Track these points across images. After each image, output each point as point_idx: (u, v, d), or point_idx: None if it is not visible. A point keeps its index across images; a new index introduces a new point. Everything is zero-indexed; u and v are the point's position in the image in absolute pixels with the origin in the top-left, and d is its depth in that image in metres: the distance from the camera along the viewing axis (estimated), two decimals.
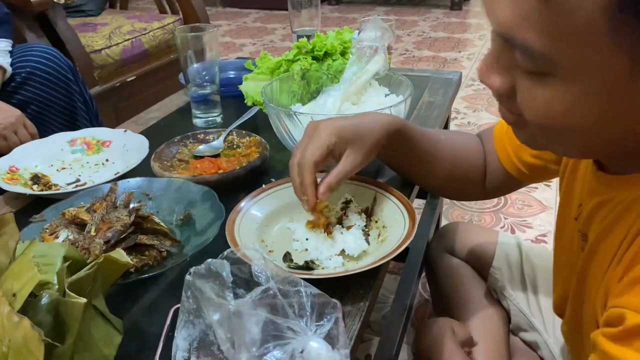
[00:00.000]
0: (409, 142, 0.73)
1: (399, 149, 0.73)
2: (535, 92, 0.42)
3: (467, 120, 2.34)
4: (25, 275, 0.42)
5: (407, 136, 0.72)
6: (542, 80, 0.41)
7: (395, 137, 0.71)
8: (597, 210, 0.52)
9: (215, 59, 1.03)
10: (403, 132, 0.71)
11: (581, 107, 0.40)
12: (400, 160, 0.78)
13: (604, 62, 0.37)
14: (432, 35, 3.71)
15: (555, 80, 0.40)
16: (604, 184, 0.51)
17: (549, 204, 1.75)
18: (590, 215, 0.53)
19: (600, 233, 0.51)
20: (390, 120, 0.70)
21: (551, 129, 0.43)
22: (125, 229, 0.62)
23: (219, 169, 0.85)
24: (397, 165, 0.80)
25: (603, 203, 0.50)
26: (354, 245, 0.64)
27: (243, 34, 3.99)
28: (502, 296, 0.91)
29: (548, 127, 0.43)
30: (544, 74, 0.40)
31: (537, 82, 0.41)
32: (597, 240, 0.52)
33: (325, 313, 0.43)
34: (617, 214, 0.48)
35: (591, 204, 0.53)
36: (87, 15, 2.11)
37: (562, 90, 0.40)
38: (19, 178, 0.85)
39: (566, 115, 0.41)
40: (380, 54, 0.90)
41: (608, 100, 0.39)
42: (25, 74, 1.28)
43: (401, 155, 0.75)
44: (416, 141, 0.73)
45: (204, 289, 0.43)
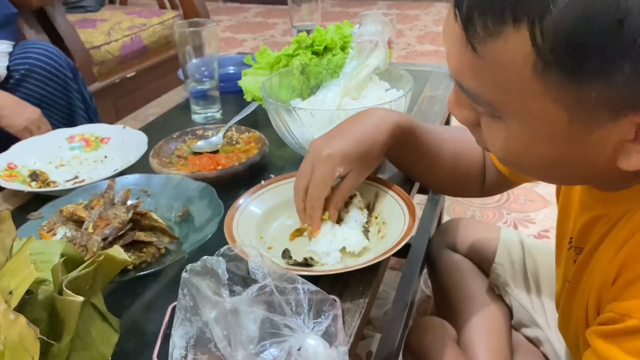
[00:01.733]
0: (412, 142, 0.72)
1: (402, 148, 0.73)
2: (492, 129, 0.44)
3: None
4: (22, 273, 0.41)
5: (411, 136, 0.72)
6: (495, 120, 0.43)
7: (399, 137, 0.70)
8: (591, 224, 0.53)
9: (214, 55, 1.03)
10: (407, 132, 0.71)
11: (533, 148, 0.42)
12: (402, 158, 0.77)
13: (541, 112, 0.39)
14: (434, 29, 3.69)
15: (503, 123, 0.43)
16: (597, 201, 0.52)
17: (552, 199, 1.74)
18: (584, 230, 0.55)
19: (594, 245, 0.52)
20: (395, 124, 0.69)
21: (512, 163, 0.46)
22: (123, 225, 0.62)
23: (218, 165, 0.84)
24: (399, 162, 0.79)
25: (598, 218, 0.52)
26: (354, 241, 0.64)
27: (244, 29, 3.98)
28: (504, 292, 0.91)
29: (508, 162, 0.47)
30: (494, 116, 0.43)
31: (492, 121, 0.44)
32: (591, 252, 0.53)
33: (323, 310, 0.43)
34: (610, 226, 0.49)
35: (584, 218, 0.54)
36: (86, 11, 2.10)
37: (511, 132, 0.42)
38: (18, 175, 0.85)
39: (521, 154, 0.44)
40: (381, 48, 0.89)
41: (554, 145, 0.41)
42: (24, 71, 1.28)
43: (404, 153, 0.75)
44: (420, 140, 0.73)
45: (200, 287, 0.42)
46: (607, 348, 0.43)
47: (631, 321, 0.41)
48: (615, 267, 0.46)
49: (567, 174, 0.46)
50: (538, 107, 0.39)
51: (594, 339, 0.44)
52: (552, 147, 0.42)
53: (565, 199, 0.62)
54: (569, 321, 0.59)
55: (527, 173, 0.48)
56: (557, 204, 0.66)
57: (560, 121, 0.39)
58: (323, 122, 0.78)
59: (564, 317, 0.62)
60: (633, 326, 0.41)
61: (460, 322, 0.88)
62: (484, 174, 0.78)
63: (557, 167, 0.44)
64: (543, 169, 0.45)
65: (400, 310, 1.04)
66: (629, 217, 0.46)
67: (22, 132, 1.16)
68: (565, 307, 0.60)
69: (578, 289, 0.55)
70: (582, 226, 0.54)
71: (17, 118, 1.16)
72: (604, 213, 0.50)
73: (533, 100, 0.39)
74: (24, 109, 1.18)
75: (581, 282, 0.54)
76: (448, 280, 0.98)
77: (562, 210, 0.63)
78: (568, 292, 0.58)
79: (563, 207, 0.63)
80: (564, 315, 0.62)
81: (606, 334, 0.43)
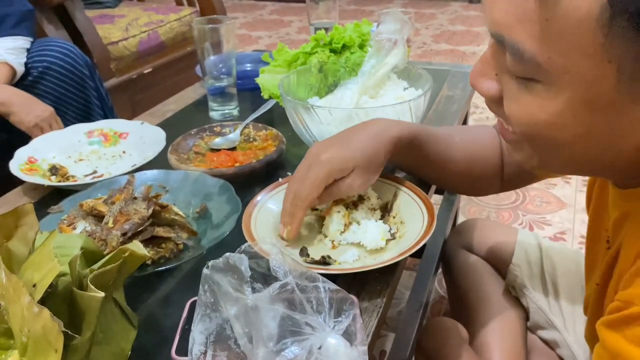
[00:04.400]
0: (418, 151, 0.71)
1: (408, 157, 0.72)
2: (521, 98, 0.42)
3: (486, 115, 2.31)
4: (46, 266, 0.42)
5: (416, 145, 0.70)
6: (529, 86, 0.41)
7: (403, 148, 0.69)
8: (619, 223, 0.52)
9: (232, 52, 1.03)
10: (411, 142, 0.70)
11: (564, 118, 0.40)
12: (410, 166, 0.76)
13: (591, 71, 0.37)
14: (450, 28, 3.67)
15: (540, 88, 0.40)
16: (621, 198, 0.51)
17: (568, 201, 1.72)
18: (615, 227, 0.53)
19: (622, 243, 0.51)
20: (396, 136, 0.68)
21: (536, 139, 0.43)
22: (142, 221, 0.62)
23: (236, 162, 0.84)
24: (409, 169, 0.79)
25: (625, 215, 0.50)
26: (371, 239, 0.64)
27: (259, 26, 3.98)
28: (521, 294, 0.90)
29: (532, 137, 0.43)
30: (531, 79, 0.40)
31: (524, 88, 0.41)
32: (617, 251, 0.51)
33: (343, 309, 0.43)
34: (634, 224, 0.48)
35: (614, 215, 0.53)
36: (104, 7, 2.12)
37: (547, 98, 0.40)
38: (38, 169, 0.85)
39: (549, 125, 0.41)
40: (400, 46, 0.89)
41: (592, 115, 0.39)
42: (42, 68, 1.29)
43: (411, 161, 0.74)
44: (427, 148, 0.71)
45: (222, 283, 0.42)
46: (612, 337, 0.42)
47: (634, 308, 0.40)
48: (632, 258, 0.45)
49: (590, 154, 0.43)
50: (589, 66, 0.37)
51: (600, 329, 0.43)
52: (587, 117, 0.39)
53: (598, 197, 0.60)
54: None
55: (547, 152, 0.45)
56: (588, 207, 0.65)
57: (607, 85, 0.37)
58: (341, 120, 0.78)
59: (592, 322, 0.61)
60: (636, 313, 0.40)
61: (476, 324, 0.87)
62: (501, 171, 0.77)
63: (582, 145, 0.42)
64: (563, 146, 0.42)
65: (414, 310, 1.03)
66: None
67: (32, 129, 1.17)
68: (595, 311, 0.59)
69: (607, 292, 0.54)
70: (613, 223, 0.53)
71: (27, 115, 1.17)
72: (627, 210, 0.49)
73: (585, 57, 0.36)
74: (35, 106, 1.19)
75: (610, 283, 0.53)
76: (463, 281, 0.97)
77: (595, 209, 0.62)
78: (597, 296, 0.57)
79: (596, 206, 0.61)
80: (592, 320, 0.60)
81: (611, 323, 0.42)
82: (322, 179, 0.63)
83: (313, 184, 0.63)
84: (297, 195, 0.64)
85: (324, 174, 0.63)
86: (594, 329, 0.59)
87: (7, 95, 1.17)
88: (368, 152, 0.66)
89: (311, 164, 0.64)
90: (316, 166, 0.64)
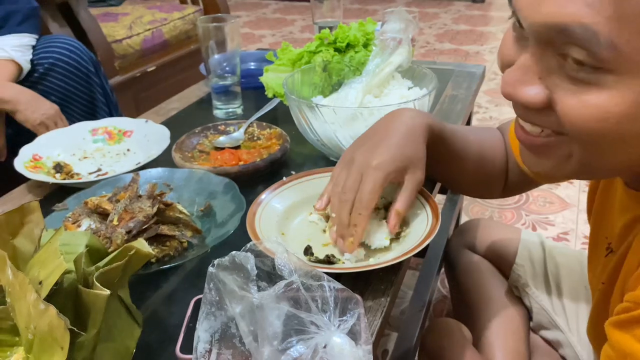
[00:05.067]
0: (441, 144, 0.70)
1: (431, 149, 0.71)
2: (585, 95, 0.38)
3: (489, 115, 2.31)
4: (52, 264, 0.42)
5: (440, 138, 0.69)
6: (595, 79, 0.37)
7: (430, 138, 0.68)
8: (630, 226, 0.51)
9: (236, 50, 1.03)
10: (437, 134, 0.69)
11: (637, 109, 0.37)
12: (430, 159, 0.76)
13: None
14: (454, 27, 3.66)
15: (611, 78, 0.37)
16: (634, 201, 0.50)
17: (571, 201, 1.72)
18: (623, 231, 0.53)
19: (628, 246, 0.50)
20: (427, 124, 0.67)
21: (595, 138, 0.39)
22: (147, 219, 0.62)
23: (240, 161, 0.84)
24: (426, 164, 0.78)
25: (635, 219, 0.50)
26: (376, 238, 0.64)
27: (262, 25, 3.98)
28: (524, 293, 0.90)
29: (591, 137, 0.40)
30: (599, 70, 0.37)
31: (586, 84, 0.38)
32: (626, 252, 0.51)
33: (348, 308, 0.43)
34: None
35: (623, 220, 0.52)
36: (108, 5, 2.13)
37: (619, 88, 0.37)
38: (42, 166, 0.86)
39: (621, 118, 0.38)
40: (404, 45, 0.89)
41: None
42: (48, 65, 1.30)
43: (432, 155, 0.73)
44: (448, 142, 0.71)
45: (227, 281, 0.42)
46: (621, 337, 0.41)
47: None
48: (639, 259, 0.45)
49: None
50: None
51: (609, 330, 0.43)
52: None
53: (601, 203, 0.60)
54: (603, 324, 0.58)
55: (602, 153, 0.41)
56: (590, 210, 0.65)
57: None
58: (345, 119, 0.78)
59: (597, 320, 0.61)
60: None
61: (479, 323, 0.87)
62: (506, 174, 0.77)
63: None
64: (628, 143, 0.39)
65: (417, 309, 1.03)
66: None
67: (38, 127, 1.18)
68: (599, 310, 0.59)
69: (614, 291, 0.54)
70: (621, 228, 0.53)
71: (33, 113, 1.18)
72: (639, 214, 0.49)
73: None
74: (41, 104, 1.19)
75: (616, 284, 0.53)
76: (466, 280, 0.97)
77: (597, 214, 0.62)
78: (602, 295, 0.57)
79: (598, 212, 0.61)
80: (596, 318, 0.61)
81: (620, 323, 0.42)
82: (380, 184, 0.62)
83: (373, 191, 0.61)
84: (359, 206, 0.61)
85: (382, 179, 0.62)
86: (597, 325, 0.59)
87: (13, 93, 1.18)
88: (411, 147, 0.64)
89: (362, 171, 0.62)
90: (370, 173, 0.62)
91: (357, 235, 0.61)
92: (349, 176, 0.63)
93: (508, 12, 0.41)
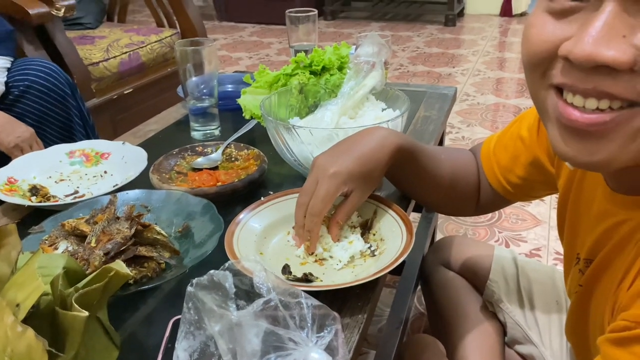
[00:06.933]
0: (412, 162, 0.73)
1: (403, 168, 0.74)
2: None
3: (462, 135, 2.36)
4: (30, 286, 0.42)
5: (411, 157, 0.73)
6: None
7: (400, 158, 0.71)
8: (612, 229, 0.52)
9: (214, 73, 1.04)
10: (408, 153, 0.72)
11: None
12: (402, 177, 0.78)
13: None
14: (427, 50, 3.75)
15: None
16: (618, 205, 0.51)
17: (542, 218, 1.76)
18: (602, 237, 0.54)
19: (612, 250, 0.52)
20: (397, 144, 0.70)
21: None
22: (125, 241, 0.62)
23: (218, 182, 0.85)
24: (398, 182, 0.81)
25: (620, 223, 0.51)
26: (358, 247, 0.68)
27: (239, 47, 4.02)
28: (498, 309, 0.92)
29: None
30: None
31: None
32: (608, 258, 0.52)
33: (325, 325, 0.44)
34: (631, 231, 0.49)
35: (603, 226, 0.53)
36: (85, 28, 2.12)
37: None
38: (17, 189, 0.85)
39: None
40: (378, 69, 0.92)
41: None
42: (23, 87, 1.29)
43: (404, 173, 0.76)
44: (419, 161, 0.74)
45: (206, 300, 0.43)
46: (618, 353, 0.42)
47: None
48: (632, 274, 0.46)
49: None
50: None
51: (606, 346, 0.44)
52: None
53: (575, 216, 0.62)
54: (584, 325, 0.59)
55: None
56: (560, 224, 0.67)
57: None
58: (321, 140, 0.80)
59: (575, 321, 0.62)
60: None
61: (454, 339, 0.89)
62: (478, 193, 0.80)
63: None
64: None
65: (395, 327, 1.04)
66: None
67: (12, 150, 1.17)
68: (577, 312, 0.61)
69: (595, 294, 0.55)
70: (600, 234, 0.54)
71: (7, 136, 1.17)
72: (623, 218, 0.50)
73: None
74: (15, 127, 1.19)
75: (599, 286, 0.54)
76: (442, 297, 0.99)
77: (570, 225, 0.64)
78: (579, 297, 0.59)
79: (572, 225, 0.63)
80: (575, 319, 0.62)
81: (619, 341, 0.43)
82: (332, 194, 0.66)
83: (325, 199, 0.65)
84: (311, 212, 0.66)
85: (334, 189, 0.65)
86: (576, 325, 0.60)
87: None
88: (370, 163, 0.68)
89: (319, 177, 0.66)
90: (325, 181, 0.66)
91: (312, 239, 0.66)
92: (307, 179, 0.68)
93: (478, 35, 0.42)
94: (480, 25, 4.29)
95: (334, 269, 0.66)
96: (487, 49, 3.66)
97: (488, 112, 2.60)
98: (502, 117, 2.55)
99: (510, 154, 0.73)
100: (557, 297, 0.89)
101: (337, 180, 0.66)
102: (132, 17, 4.59)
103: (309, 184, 0.67)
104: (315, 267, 0.67)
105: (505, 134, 0.76)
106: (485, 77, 3.14)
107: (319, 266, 0.67)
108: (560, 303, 0.88)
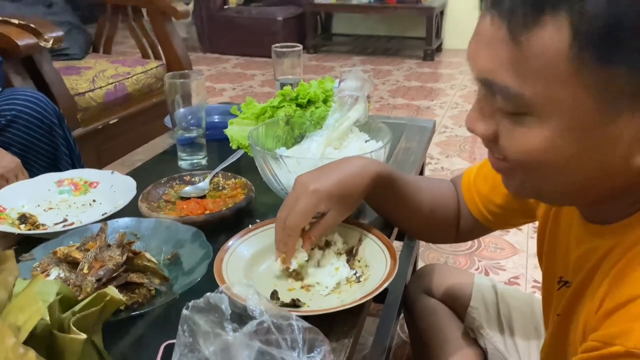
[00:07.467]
0: (392, 190, 0.77)
1: (382, 195, 0.77)
2: (515, 132, 0.47)
3: (441, 165, 2.42)
4: (30, 309, 0.43)
5: (391, 185, 0.76)
6: (521, 120, 0.46)
7: (380, 185, 0.74)
8: (584, 257, 0.56)
9: (201, 104, 1.07)
10: (387, 181, 0.75)
11: (555, 143, 0.45)
12: (382, 204, 0.81)
13: (570, 98, 0.43)
14: (406, 84, 3.85)
15: (530, 119, 0.46)
16: (592, 234, 0.55)
17: (520, 247, 1.81)
18: (577, 263, 0.58)
19: (586, 276, 0.55)
20: (376, 173, 0.73)
21: (531, 166, 0.48)
22: (117, 267, 0.64)
23: (206, 210, 0.87)
24: (379, 209, 0.84)
25: (590, 250, 0.55)
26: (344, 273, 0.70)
27: (223, 79, 4.07)
28: (480, 335, 0.94)
29: (528, 165, 0.48)
30: (522, 113, 0.46)
31: (516, 122, 0.47)
32: (584, 283, 0.56)
33: (315, 345, 0.46)
34: (601, 258, 0.53)
35: (578, 252, 0.57)
36: (71, 58, 2.15)
37: (538, 127, 0.46)
38: (6, 218, 0.86)
39: (543, 150, 0.46)
40: (361, 102, 0.96)
41: (578, 138, 0.45)
42: (10, 116, 1.30)
43: (384, 200, 0.79)
44: (399, 189, 0.77)
45: (201, 323, 0.45)
46: None
47: (615, 348, 0.43)
48: (599, 297, 0.50)
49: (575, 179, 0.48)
50: (568, 94, 0.43)
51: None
52: (575, 139, 0.45)
53: (552, 242, 0.66)
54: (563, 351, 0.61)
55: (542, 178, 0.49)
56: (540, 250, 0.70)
57: (587, 109, 0.43)
58: (308, 169, 0.82)
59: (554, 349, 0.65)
60: (615, 352, 0.43)
61: None
62: (458, 221, 0.83)
63: (572, 168, 0.47)
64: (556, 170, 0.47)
65: (378, 354, 1.06)
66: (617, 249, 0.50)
67: None
68: (556, 339, 0.63)
69: (573, 320, 0.57)
70: (576, 260, 0.58)
71: None
72: (595, 245, 0.54)
73: (565, 87, 0.43)
74: (1, 157, 1.18)
75: (575, 313, 0.57)
76: (424, 324, 1.01)
77: (549, 252, 0.67)
78: (557, 326, 0.61)
79: (550, 250, 0.67)
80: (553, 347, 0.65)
81: None
82: (310, 210, 0.69)
83: (302, 215, 0.68)
84: (288, 226, 0.69)
85: (312, 205, 0.68)
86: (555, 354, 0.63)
87: None
88: (349, 187, 0.71)
89: (299, 194, 0.69)
90: (304, 197, 0.69)
91: (287, 252, 0.70)
92: (289, 195, 0.71)
93: (456, 69, 0.50)
94: (458, 60, 4.43)
95: (321, 295, 0.68)
96: (465, 83, 3.78)
97: (466, 143, 2.68)
98: (479, 148, 2.62)
99: (489, 184, 0.77)
100: (536, 324, 0.91)
101: (316, 198, 0.69)
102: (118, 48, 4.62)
103: (290, 200, 0.70)
104: (302, 293, 0.69)
105: (485, 164, 0.80)
106: (463, 110, 3.24)
107: (306, 292, 0.69)
108: (539, 329, 0.90)
